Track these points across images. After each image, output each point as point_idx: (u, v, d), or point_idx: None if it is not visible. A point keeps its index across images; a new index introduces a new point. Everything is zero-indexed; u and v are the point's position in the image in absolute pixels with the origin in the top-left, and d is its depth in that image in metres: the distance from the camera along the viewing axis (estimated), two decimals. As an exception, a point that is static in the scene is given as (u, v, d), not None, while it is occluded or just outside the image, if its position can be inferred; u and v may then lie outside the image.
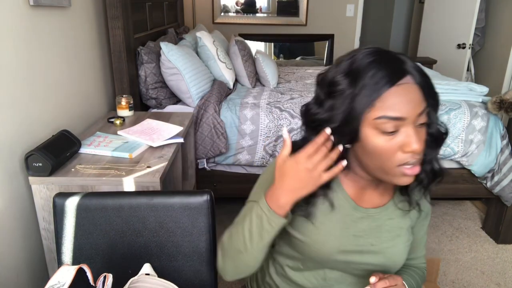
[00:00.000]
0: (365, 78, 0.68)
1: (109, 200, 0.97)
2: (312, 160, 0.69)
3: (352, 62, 0.71)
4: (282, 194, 0.71)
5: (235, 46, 2.58)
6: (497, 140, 2.08)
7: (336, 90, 0.71)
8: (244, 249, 0.75)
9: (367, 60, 0.70)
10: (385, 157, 0.71)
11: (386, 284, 0.74)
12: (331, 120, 0.71)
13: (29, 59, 1.33)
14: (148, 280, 0.83)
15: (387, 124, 0.68)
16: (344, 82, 0.70)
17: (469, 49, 3.36)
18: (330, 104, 0.72)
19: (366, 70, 0.69)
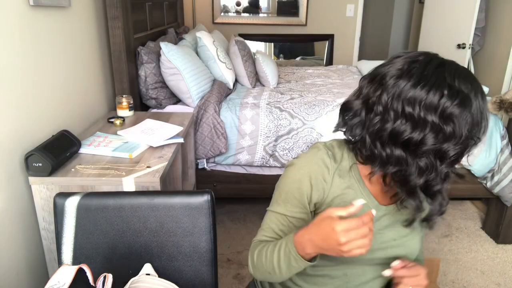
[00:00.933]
0: (462, 131, 0.70)
1: (110, 200, 0.97)
2: (348, 235, 0.66)
3: (450, 83, 0.69)
4: (309, 245, 0.72)
5: (235, 46, 2.58)
6: (497, 140, 2.08)
7: (450, 115, 0.69)
8: (273, 273, 0.79)
9: (463, 112, 0.69)
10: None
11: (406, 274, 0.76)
12: (419, 142, 0.71)
13: (29, 59, 1.33)
14: (148, 280, 0.83)
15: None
16: (454, 106, 0.69)
17: (469, 49, 3.36)
18: (450, 131, 0.70)
19: (464, 117, 0.69)
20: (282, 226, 0.84)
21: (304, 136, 2.07)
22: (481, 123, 0.71)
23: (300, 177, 0.81)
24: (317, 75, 3.03)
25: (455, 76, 0.69)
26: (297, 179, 0.81)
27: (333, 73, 3.12)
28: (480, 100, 0.70)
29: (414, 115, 0.69)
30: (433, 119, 0.68)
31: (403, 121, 0.70)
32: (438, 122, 0.68)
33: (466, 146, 0.71)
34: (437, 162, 0.71)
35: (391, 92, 0.71)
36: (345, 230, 0.66)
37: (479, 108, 0.70)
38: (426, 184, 0.74)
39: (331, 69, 3.34)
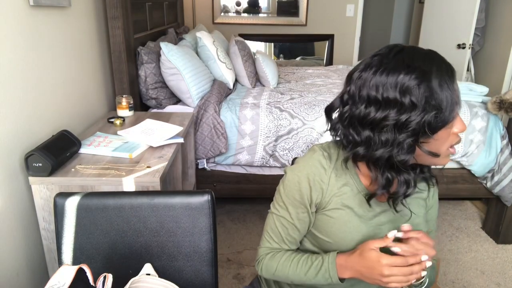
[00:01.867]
0: (434, 75, 0.74)
1: (110, 200, 0.97)
2: (391, 270, 0.74)
3: (406, 58, 0.75)
4: (350, 271, 0.81)
5: (235, 46, 2.58)
6: (497, 140, 2.08)
7: (409, 87, 0.73)
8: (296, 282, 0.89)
9: (419, 56, 0.75)
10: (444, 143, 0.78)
11: (416, 235, 0.79)
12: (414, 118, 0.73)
13: (29, 59, 1.33)
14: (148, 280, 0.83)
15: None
16: (414, 80, 0.73)
17: (469, 49, 3.36)
18: (409, 102, 0.73)
19: (431, 68, 0.74)
20: (288, 230, 0.89)
21: (304, 136, 2.07)
22: (440, 93, 0.73)
23: (298, 180, 0.85)
24: (317, 75, 3.03)
25: (413, 58, 0.74)
26: (296, 181, 0.85)
27: (333, 73, 3.12)
28: (442, 73, 0.74)
29: (378, 97, 0.74)
30: (394, 95, 0.73)
31: (369, 105, 0.76)
32: (397, 97, 0.73)
33: (425, 115, 0.73)
34: (398, 133, 0.75)
35: (358, 84, 0.77)
36: (390, 265, 0.74)
37: (440, 79, 0.74)
38: (390, 156, 0.76)
39: (331, 69, 3.34)
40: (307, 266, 0.86)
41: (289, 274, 0.88)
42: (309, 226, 0.89)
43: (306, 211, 0.86)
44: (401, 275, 0.74)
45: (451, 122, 0.76)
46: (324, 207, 0.85)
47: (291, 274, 0.87)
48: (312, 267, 0.85)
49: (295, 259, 0.88)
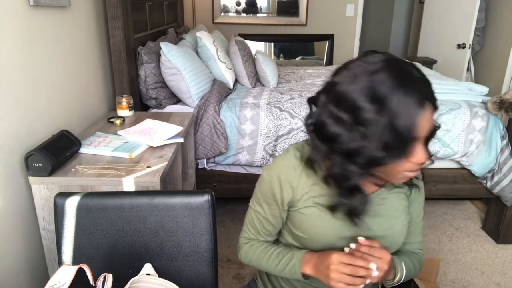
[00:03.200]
0: (395, 106, 0.68)
1: (110, 200, 0.97)
2: (338, 266, 0.78)
3: (372, 85, 0.69)
4: (310, 268, 0.85)
5: (235, 46, 2.58)
6: (497, 140, 2.08)
7: (364, 117, 0.70)
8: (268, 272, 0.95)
9: (390, 83, 0.69)
10: (396, 168, 0.76)
11: (369, 252, 0.79)
12: (364, 150, 0.72)
13: (29, 59, 1.33)
14: (148, 280, 0.83)
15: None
16: (371, 109, 0.69)
17: (469, 49, 3.36)
18: (362, 132, 0.71)
19: (398, 98, 0.68)
20: (263, 224, 0.95)
21: (304, 136, 2.07)
22: (408, 132, 0.70)
23: (270, 179, 0.89)
24: (317, 75, 3.03)
25: (383, 81, 0.69)
26: (268, 181, 0.90)
27: (333, 73, 3.12)
28: (410, 108, 0.69)
29: (337, 113, 0.73)
30: (348, 119, 0.71)
31: (328, 116, 0.75)
32: (351, 123, 0.71)
33: (384, 152, 0.71)
34: (347, 161, 0.75)
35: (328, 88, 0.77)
36: (338, 260, 0.78)
37: (407, 116, 0.69)
38: (342, 183, 0.79)
39: (331, 69, 3.34)
40: (278, 260, 0.91)
41: (262, 264, 0.94)
42: (283, 221, 0.94)
43: (278, 209, 0.91)
44: (346, 274, 0.77)
45: (406, 156, 0.73)
46: (297, 205, 0.89)
47: (264, 265, 0.94)
48: (282, 262, 0.90)
49: (269, 252, 0.93)
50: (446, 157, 2.11)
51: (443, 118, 2.05)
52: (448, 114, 2.06)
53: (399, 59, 0.74)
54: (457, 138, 2.06)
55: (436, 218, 2.46)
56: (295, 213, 0.90)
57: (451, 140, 2.06)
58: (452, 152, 2.08)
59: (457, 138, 2.06)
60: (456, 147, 2.07)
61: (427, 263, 1.83)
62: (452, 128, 2.05)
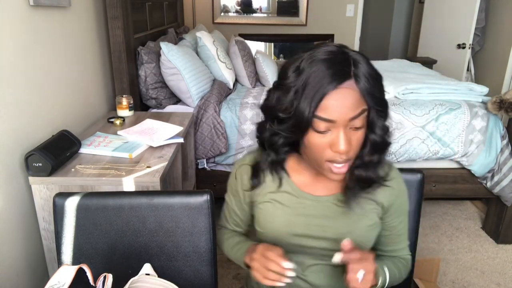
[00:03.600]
0: (311, 76, 0.72)
1: (109, 200, 0.97)
2: (259, 258, 0.81)
3: (309, 57, 0.74)
4: (248, 259, 0.88)
5: (235, 46, 2.58)
6: (497, 140, 2.08)
7: (283, 83, 0.76)
8: (229, 257, 1.01)
9: (320, 57, 0.73)
10: (316, 151, 0.77)
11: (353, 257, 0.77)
12: (278, 110, 0.77)
13: (29, 59, 1.33)
14: (148, 280, 0.83)
15: (320, 124, 0.73)
16: (292, 75, 0.74)
17: (469, 49, 3.36)
18: (278, 95, 0.77)
19: (314, 69, 0.72)
20: (230, 214, 1.01)
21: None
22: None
23: (235, 173, 0.96)
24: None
25: (309, 57, 0.74)
26: (233, 173, 0.96)
27: (333, 73, 3.12)
28: (321, 75, 0.72)
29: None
30: (276, 84, 0.80)
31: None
32: (276, 86, 0.79)
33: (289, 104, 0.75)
34: (274, 125, 0.80)
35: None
36: (261, 251, 0.81)
37: (316, 80, 0.72)
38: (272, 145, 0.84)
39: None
40: (235, 250, 0.97)
41: (224, 249, 1.01)
42: (248, 216, 0.99)
43: (240, 201, 0.96)
44: (261, 266, 0.79)
45: (313, 127, 0.74)
46: (256, 200, 0.92)
47: (225, 250, 1.01)
48: (235, 250, 0.97)
49: (230, 239, 1.00)
50: (446, 157, 2.11)
51: (443, 118, 2.06)
52: (448, 114, 2.06)
53: (344, 48, 0.76)
54: (457, 138, 2.06)
55: (436, 218, 2.46)
56: (255, 208, 0.93)
57: (451, 140, 2.06)
58: (452, 152, 2.08)
59: (457, 138, 2.06)
60: (456, 147, 2.07)
61: (427, 263, 1.83)
62: (452, 128, 2.05)
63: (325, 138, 0.74)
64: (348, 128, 0.74)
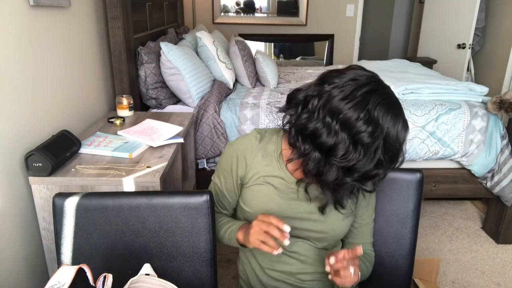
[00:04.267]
0: (387, 129, 0.79)
1: (109, 200, 0.97)
2: (257, 227, 0.85)
3: (367, 106, 0.78)
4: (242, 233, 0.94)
5: (235, 46, 2.58)
6: (497, 140, 2.08)
7: (361, 138, 0.78)
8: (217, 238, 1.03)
9: (383, 107, 0.79)
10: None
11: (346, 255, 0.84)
12: (358, 166, 0.81)
13: (29, 59, 1.33)
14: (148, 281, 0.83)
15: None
16: (367, 130, 0.78)
17: (469, 49, 3.36)
18: (359, 150, 0.80)
19: (387, 121, 0.79)
20: (219, 196, 1.05)
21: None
22: (395, 152, 0.82)
23: (230, 154, 0.99)
24: (317, 75, 3.02)
25: (377, 104, 0.78)
26: (228, 155, 1.00)
27: (333, 73, 3.11)
28: (398, 131, 0.80)
29: (331, 125, 0.79)
30: (345, 136, 0.79)
31: (322, 126, 0.80)
32: (348, 141, 0.79)
33: (375, 169, 0.81)
34: (344, 174, 0.82)
35: (323, 97, 0.81)
36: (262, 218, 0.85)
37: (395, 138, 0.80)
38: (334, 187, 0.86)
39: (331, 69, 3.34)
40: (223, 228, 1.01)
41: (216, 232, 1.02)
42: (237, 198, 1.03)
43: (232, 182, 1.00)
44: (260, 231, 0.83)
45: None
46: (248, 182, 0.97)
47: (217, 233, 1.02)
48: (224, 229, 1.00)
49: (218, 220, 1.03)
50: (446, 157, 2.10)
51: (443, 118, 2.05)
52: (448, 114, 2.06)
53: (381, 80, 0.84)
54: (457, 138, 2.06)
55: (436, 218, 2.46)
56: (246, 190, 0.98)
57: (451, 140, 2.06)
58: (452, 152, 2.08)
59: (457, 138, 2.06)
60: (456, 147, 2.07)
61: (427, 263, 1.83)
62: (452, 128, 2.05)
63: None
64: None
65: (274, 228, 0.82)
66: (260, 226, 0.84)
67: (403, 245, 1.13)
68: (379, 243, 1.12)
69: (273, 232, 0.81)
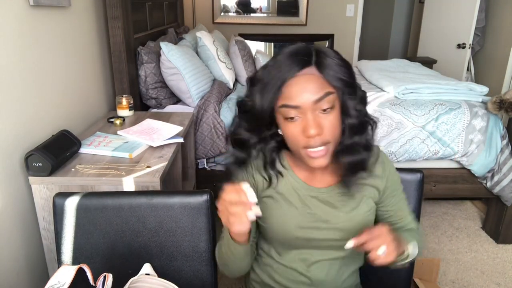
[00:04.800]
0: (273, 68, 0.77)
1: (109, 200, 0.97)
2: (224, 203, 0.72)
3: (276, 54, 0.81)
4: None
5: (235, 46, 2.58)
6: (497, 140, 2.08)
7: (253, 78, 0.81)
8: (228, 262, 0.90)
9: (284, 51, 0.78)
10: (292, 140, 0.80)
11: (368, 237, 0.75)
12: (252, 108, 0.80)
13: (29, 59, 1.33)
14: (148, 280, 0.83)
15: (288, 112, 0.77)
16: (260, 70, 0.80)
17: (469, 49, 3.36)
18: (250, 91, 0.81)
19: (277, 62, 0.78)
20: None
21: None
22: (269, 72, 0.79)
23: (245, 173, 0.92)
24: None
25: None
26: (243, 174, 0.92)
27: (333, 73, 3.11)
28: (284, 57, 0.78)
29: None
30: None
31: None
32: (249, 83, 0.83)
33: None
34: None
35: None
36: (224, 198, 0.72)
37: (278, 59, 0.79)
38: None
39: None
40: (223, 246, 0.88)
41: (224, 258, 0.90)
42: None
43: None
44: (225, 211, 0.72)
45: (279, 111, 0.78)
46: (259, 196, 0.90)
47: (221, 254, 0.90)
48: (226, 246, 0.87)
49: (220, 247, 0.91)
50: (446, 157, 2.10)
51: (443, 118, 2.05)
52: (448, 114, 2.06)
53: (309, 44, 0.81)
54: (457, 138, 2.06)
55: (436, 218, 2.46)
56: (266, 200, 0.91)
57: (451, 140, 2.06)
58: (452, 152, 2.08)
59: (457, 138, 2.06)
60: (456, 147, 2.07)
61: (427, 263, 1.83)
62: (452, 128, 2.05)
63: (296, 125, 0.78)
64: (316, 112, 0.76)
65: (237, 204, 0.71)
66: (224, 205, 0.72)
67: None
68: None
69: (236, 210, 0.70)
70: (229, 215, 0.71)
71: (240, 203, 0.70)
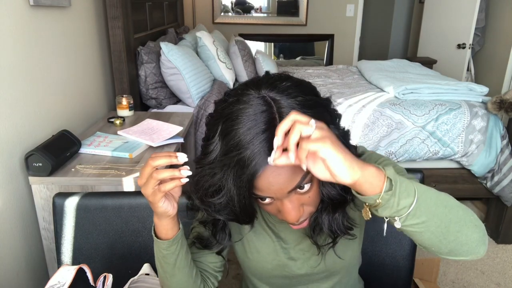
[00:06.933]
0: (235, 150, 0.58)
1: (109, 200, 0.97)
2: (150, 170, 0.62)
3: (227, 120, 0.60)
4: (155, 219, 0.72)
5: (235, 46, 2.58)
6: (497, 140, 2.08)
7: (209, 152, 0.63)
8: (163, 279, 0.76)
9: (239, 122, 0.58)
10: (272, 213, 0.67)
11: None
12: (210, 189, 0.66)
13: (29, 59, 1.33)
14: (147, 280, 0.83)
15: (260, 197, 0.63)
16: (217, 146, 0.61)
17: (469, 49, 3.36)
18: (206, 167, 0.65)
19: (236, 142, 0.58)
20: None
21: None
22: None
23: None
24: (317, 75, 3.03)
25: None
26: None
27: (333, 73, 3.12)
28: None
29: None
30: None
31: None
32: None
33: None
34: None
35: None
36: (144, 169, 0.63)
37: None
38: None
39: (331, 69, 3.34)
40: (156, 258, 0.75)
41: (160, 276, 0.78)
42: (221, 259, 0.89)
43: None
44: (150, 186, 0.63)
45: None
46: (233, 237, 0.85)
47: (160, 275, 0.78)
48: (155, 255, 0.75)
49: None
50: (446, 157, 2.10)
51: (443, 118, 2.05)
52: (448, 114, 2.06)
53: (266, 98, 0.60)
54: (457, 138, 2.06)
55: (436, 218, 2.46)
56: (236, 245, 0.86)
57: (451, 140, 2.06)
58: (452, 152, 2.08)
59: (457, 138, 2.06)
60: (456, 147, 2.07)
61: (427, 263, 1.83)
62: (452, 128, 2.05)
63: (272, 206, 0.65)
64: (293, 194, 0.62)
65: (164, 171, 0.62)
66: (150, 174, 0.63)
67: (404, 245, 1.13)
68: (379, 243, 1.12)
69: (166, 174, 0.62)
70: (157, 189, 0.63)
71: (171, 169, 0.61)
